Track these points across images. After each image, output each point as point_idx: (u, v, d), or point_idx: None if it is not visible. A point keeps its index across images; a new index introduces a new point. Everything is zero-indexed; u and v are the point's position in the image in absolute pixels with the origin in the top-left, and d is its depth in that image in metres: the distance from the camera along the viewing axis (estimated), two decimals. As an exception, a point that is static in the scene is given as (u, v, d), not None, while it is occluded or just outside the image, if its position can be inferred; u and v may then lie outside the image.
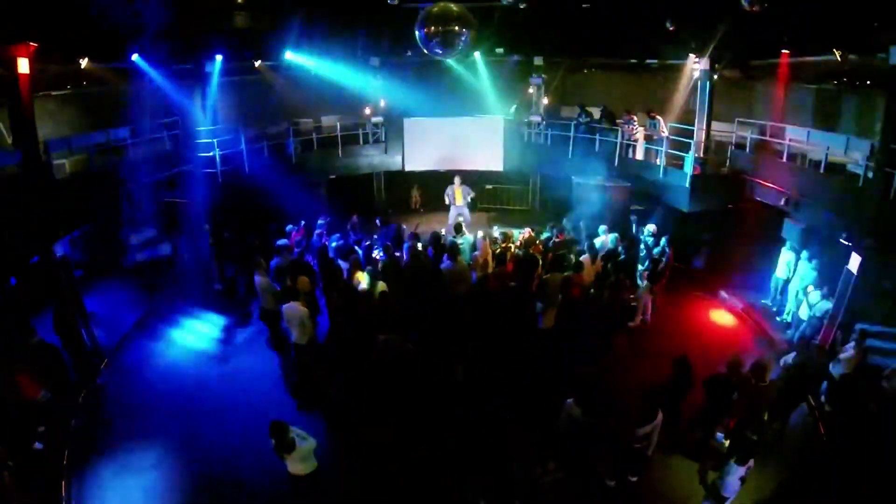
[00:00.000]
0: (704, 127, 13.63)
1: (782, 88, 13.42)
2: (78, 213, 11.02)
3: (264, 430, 6.20)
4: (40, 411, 7.67)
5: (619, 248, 11.62)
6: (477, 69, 17.03)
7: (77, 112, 13.86)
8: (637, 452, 6.63)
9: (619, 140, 15.15)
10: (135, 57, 11.69)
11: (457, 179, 15.23)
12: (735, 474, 5.88)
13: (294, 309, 8.75)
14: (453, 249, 10.27)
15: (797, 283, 10.78)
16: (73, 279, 10.57)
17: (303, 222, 13.00)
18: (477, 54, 16.13)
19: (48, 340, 8.84)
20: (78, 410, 8.53)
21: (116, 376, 9.64)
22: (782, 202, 11.63)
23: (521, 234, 13.04)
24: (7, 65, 8.54)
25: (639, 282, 11.33)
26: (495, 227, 14.22)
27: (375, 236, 13.20)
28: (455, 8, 10.59)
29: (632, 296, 10.90)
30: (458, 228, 11.90)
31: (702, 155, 13.42)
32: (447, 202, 15.37)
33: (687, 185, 13.04)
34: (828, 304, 9.67)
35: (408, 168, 17.71)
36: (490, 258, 11.66)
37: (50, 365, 8.33)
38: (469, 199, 15.30)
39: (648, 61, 15.92)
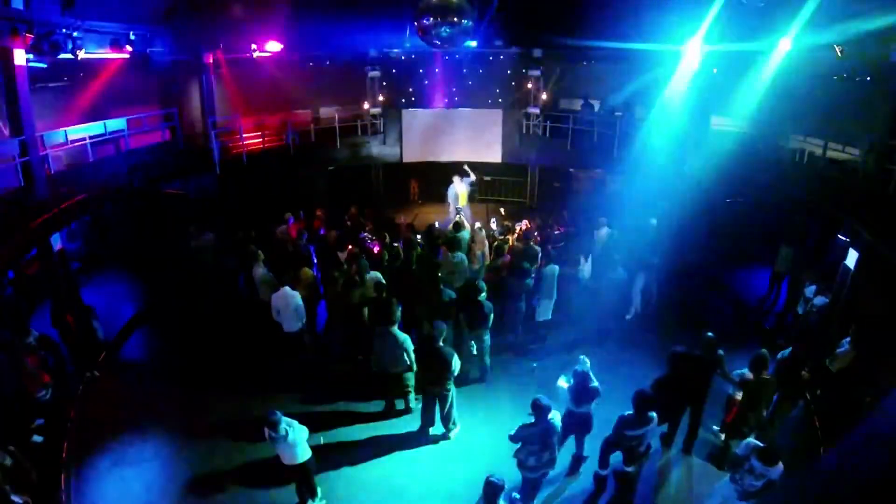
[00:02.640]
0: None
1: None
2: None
3: (260, 422, 6.26)
4: (39, 404, 7.69)
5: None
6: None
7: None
8: (629, 449, 6.64)
9: (617, 132, 15.12)
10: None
11: (456, 179, 14.96)
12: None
13: (286, 295, 8.82)
14: (451, 242, 10.27)
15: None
16: (70, 272, 10.58)
17: (301, 213, 13.02)
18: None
19: (46, 333, 8.88)
20: (76, 403, 8.56)
21: (114, 369, 9.67)
22: (781, 197, 11.65)
23: (519, 227, 13.03)
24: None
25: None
26: (493, 220, 14.19)
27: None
28: (454, -1, 10.57)
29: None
30: (456, 226, 11.85)
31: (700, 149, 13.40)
32: (449, 200, 15.07)
33: (685, 177, 13.05)
34: (825, 299, 9.70)
35: (406, 159, 17.68)
36: (487, 250, 11.67)
37: (48, 359, 8.34)
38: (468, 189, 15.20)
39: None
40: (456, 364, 7.48)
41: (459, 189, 14.85)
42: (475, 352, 8.95)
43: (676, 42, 12.81)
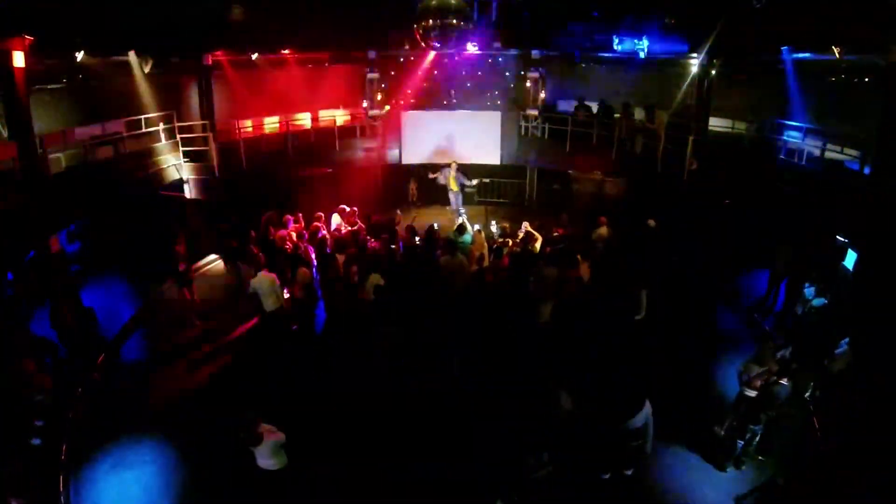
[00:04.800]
0: (702, 122, 13.64)
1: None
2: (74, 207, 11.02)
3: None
4: (38, 406, 7.67)
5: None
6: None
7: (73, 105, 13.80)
8: (633, 449, 6.64)
9: (616, 134, 15.13)
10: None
11: (453, 164, 15.43)
12: None
13: (262, 278, 9.31)
14: (451, 244, 10.29)
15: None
16: (69, 274, 10.56)
17: (300, 214, 13.04)
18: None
19: (45, 335, 8.87)
20: (75, 405, 8.54)
21: (113, 370, 9.64)
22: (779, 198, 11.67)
23: (520, 232, 12.98)
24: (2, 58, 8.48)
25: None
26: (493, 222, 14.21)
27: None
28: (453, 1, 10.58)
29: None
30: (460, 228, 11.90)
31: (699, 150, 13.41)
32: (441, 181, 15.77)
33: (684, 178, 13.06)
34: (823, 300, 9.69)
35: (405, 161, 17.69)
36: (486, 252, 11.68)
37: (47, 360, 8.33)
38: (462, 184, 15.44)
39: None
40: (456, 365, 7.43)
41: (451, 175, 15.37)
42: None
43: (676, 44, 12.89)
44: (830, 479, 6.94)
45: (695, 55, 13.15)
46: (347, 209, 13.18)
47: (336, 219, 12.98)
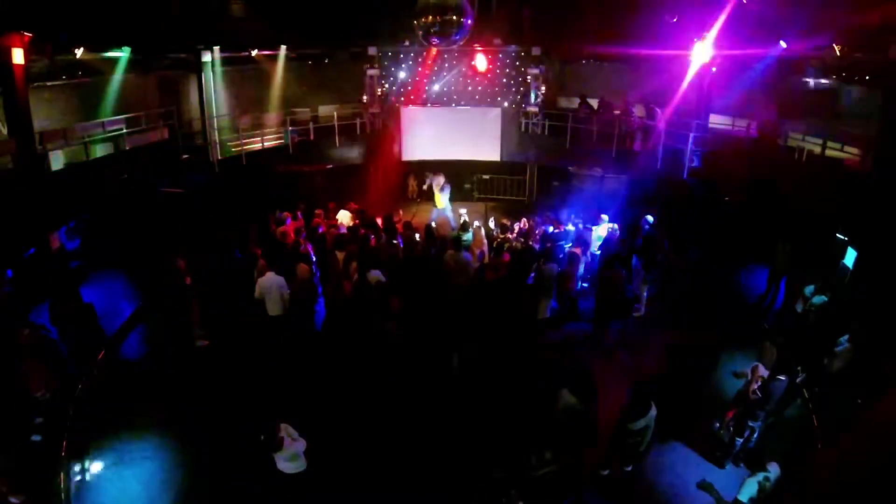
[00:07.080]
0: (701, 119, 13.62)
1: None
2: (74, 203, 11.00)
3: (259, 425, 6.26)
4: (38, 403, 7.68)
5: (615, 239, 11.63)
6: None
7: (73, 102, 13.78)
8: (631, 447, 6.67)
9: (615, 131, 15.09)
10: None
11: (440, 179, 15.13)
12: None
13: (271, 279, 9.11)
14: (457, 241, 10.30)
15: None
16: (69, 270, 10.56)
17: (298, 212, 13.04)
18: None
19: (45, 332, 8.86)
20: (75, 402, 8.54)
21: (113, 367, 9.65)
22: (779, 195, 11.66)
23: (517, 226, 13.03)
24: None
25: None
26: (492, 219, 14.21)
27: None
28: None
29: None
30: (464, 226, 11.89)
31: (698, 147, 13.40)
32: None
33: (684, 176, 13.04)
34: (823, 298, 9.70)
35: (405, 158, 17.65)
36: (486, 249, 11.68)
37: (47, 357, 8.32)
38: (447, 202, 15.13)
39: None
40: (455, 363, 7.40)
41: (437, 193, 15.00)
42: None
43: (677, 43, 12.85)
44: (830, 478, 6.96)
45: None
46: (356, 207, 13.20)
47: (343, 215, 12.93)
